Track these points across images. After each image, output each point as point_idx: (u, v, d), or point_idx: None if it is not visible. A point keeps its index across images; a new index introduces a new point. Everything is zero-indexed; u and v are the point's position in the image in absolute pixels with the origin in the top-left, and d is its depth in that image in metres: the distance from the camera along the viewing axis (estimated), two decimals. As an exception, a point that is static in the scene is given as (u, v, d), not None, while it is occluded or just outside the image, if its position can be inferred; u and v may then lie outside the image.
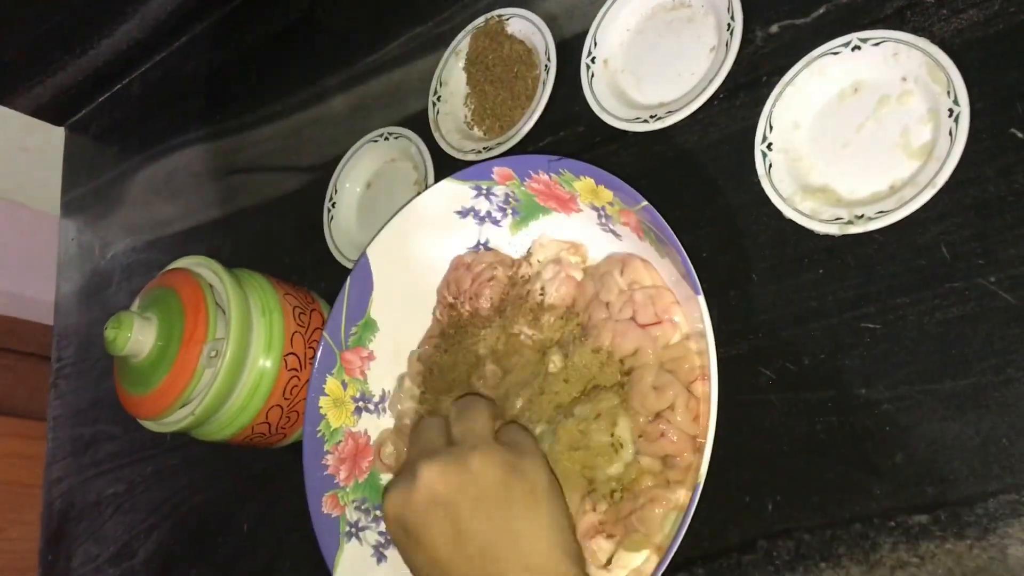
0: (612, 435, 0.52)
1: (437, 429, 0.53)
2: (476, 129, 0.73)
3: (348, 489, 0.61)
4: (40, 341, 1.59)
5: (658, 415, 0.51)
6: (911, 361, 0.48)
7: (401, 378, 0.64)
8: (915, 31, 0.52)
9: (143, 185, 1.06)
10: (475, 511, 0.46)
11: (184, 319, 0.66)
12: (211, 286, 0.67)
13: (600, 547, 0.51)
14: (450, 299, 0.62)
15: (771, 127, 0.56)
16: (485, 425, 0.51)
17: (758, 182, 0.55)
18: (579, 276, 0.58)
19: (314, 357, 0.62)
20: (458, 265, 0.63)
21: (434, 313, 0.64)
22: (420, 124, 0.76)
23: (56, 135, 1.21)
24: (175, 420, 0.66)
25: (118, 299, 1.02)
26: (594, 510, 0.51)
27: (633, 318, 0.54)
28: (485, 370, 0.59)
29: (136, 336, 0.66)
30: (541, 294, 0.58)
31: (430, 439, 0.52)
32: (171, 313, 0.67)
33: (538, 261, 0.60)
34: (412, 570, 0.49)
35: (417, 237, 0.62)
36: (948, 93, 0.50)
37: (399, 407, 0.63)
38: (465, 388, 0.60)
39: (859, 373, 0.50)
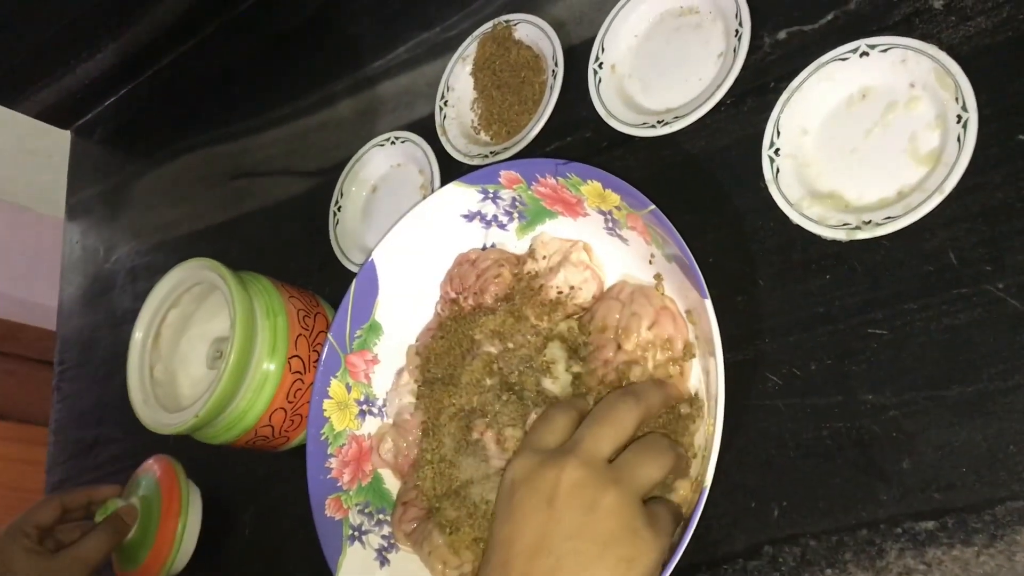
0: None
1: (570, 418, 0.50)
2: (483, 134, 0.73)
3: (351, 492, 0.61)
4: (42, 345, 1.59)
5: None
6: (918, 367, 0.48)
7: (399, 372, 0.64)
8: (923, 37, 0.52)
9: (148, 188, 1.06)
10: (573, 539, 0.44)
11: (161, 498, 0.76)
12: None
13: None
14: (452, 294, 0.62)
15: (779, 133, 0.56)
16: (652, 473, 0.47)
17: (765, 187, 0.55)
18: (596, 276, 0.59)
19: (318, 360, 0.62)
20: (462, 261, 0.62)
21: (436, 309, 0.64)
22: (427, 129, 0.76)
23: (62, 138, 1.22)
24: (178, 423, 0.65)
25: (122, 302, 1.02)
26: None
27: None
28: (481, 350, 0.59)
29: None
30: (560, 292, 0.58)
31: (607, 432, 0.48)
32: (151, 496, 0.77)
33: (543, 258, 0.60)
34: (492, 534, 0.47)
35: (423, 241, 0.62)
36: (956, 99, 0.50)
37: (398, 402, 0.63)
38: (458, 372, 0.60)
39: (866, 379, 0.50)
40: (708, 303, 0.48)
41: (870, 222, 0.51)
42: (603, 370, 0.54)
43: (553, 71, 0.68)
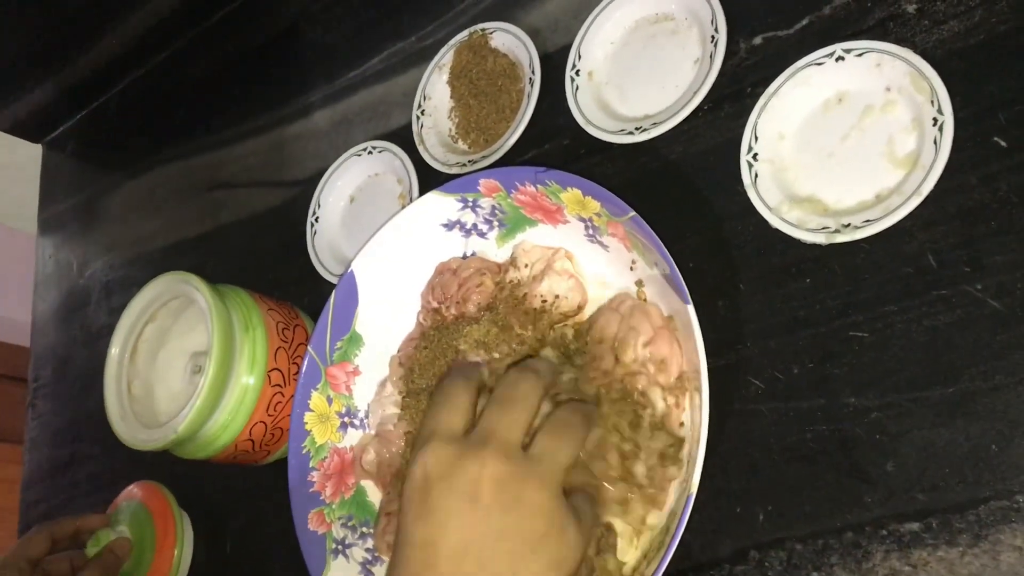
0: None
1: (468, 395, 0.48)
2: (461, 142, 0.72)
3: (334, 506, 0.60)
4: (14, 362, 1.57)
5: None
6: (900, 369, 0.49)
7: (382, 383, 0.63)
8: (898, 42, 0.53)
9: (123, 202, 1.05)
10: (501, 540, 0.42)
11: (154, 529, 0.77)
12: (194, 299, 0.67)
13: None
14: (435, 304, 0.62)
15: (756, 138, 0.56)
16: (570, 454, 0.46)
17: (744, 192, 0.55)
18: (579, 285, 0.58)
19: (298, 373, 0.61)
20: (443, 270, 0.62)
21: (417, 318, 0.64)
22: (404, 138, 0.76)
23: (33, 152, 1.20)
24: (157, 439, 0.65)
25: (97, 317, 1.01)
26: None
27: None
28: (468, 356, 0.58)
29: None
30: (544, 300, 0.58)
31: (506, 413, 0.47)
32: (142, 524, 0.77)
33: (525, 266, 0.59)
34: (399, 535, 0.45)
35: (403, 251, 0.62)
36: (932, 102, 0.50)
37: (381, 412, 0.62)
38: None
39: (848, 381, 0.50)
40: (690, 308, 0.48)
41: (849, 225, 0.51)
42: (602, 380, 0.53)
43: (530, 79, 0.68)
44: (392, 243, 0.61)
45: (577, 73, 0.66)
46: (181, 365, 0.74)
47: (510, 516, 0.43)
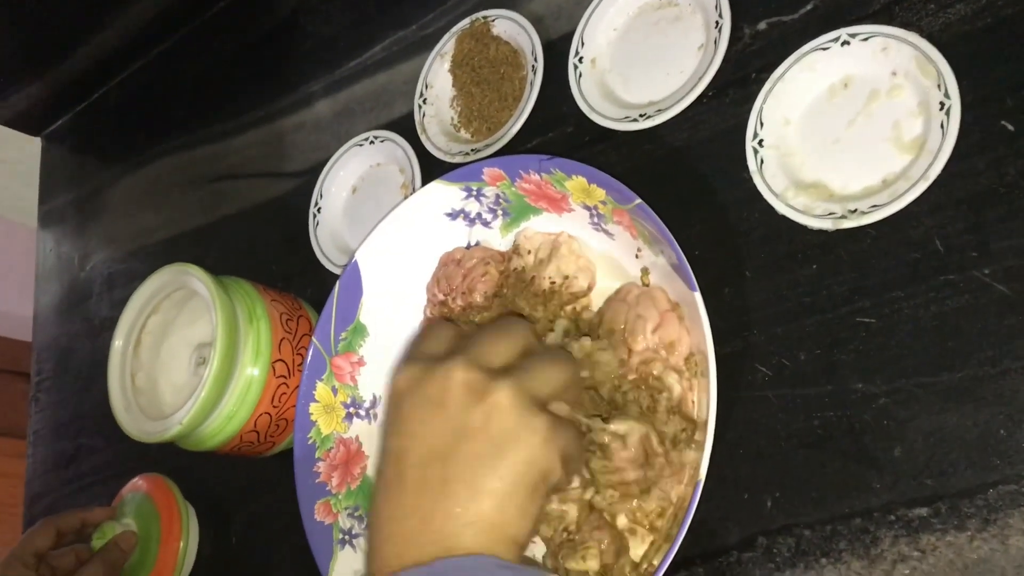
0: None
1: (448, 334, 0.48)
2: (463, 131, 0.72)
3: (340, 496, 0.60)
4: (15, 356, 1.57)
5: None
6: (907, 355, 0.48)
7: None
8: (904, 25, 0.52)
9: (123, 195, 1.05)
10: (467, 440, 0.42)
11: (160, 521, 0.76)
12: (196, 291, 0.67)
13: None
14: (440, 296, 0.62)
15: (762, 123, 0.56)
16: (545, 379, 0.45)
17: (750, 179, 0.55)
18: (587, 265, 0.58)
19: (303, 363, 0.61)
20: (447, 261, 0.62)
21: (424, 312, 0.64)
22: (406, 127, 0.75)
23: (33, 146, 1.20)
24: (162, 431, 0.64)
25: (99, 310, 1.01)
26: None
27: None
28: None
29: None
30: (552, 282, 0.58)
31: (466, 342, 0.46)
32: (147, 517, 0.77)
33: (528, 252, 0.59)
34: (382, 449, 0.45)
35: (407, 240, 0.62)
36: (939, 87, 0.50)
37: None
38: None
39: (855, 368, 0.50)
40: (697, 296, 0.48)
41: (856, 211, 0.51)
42: (622, 369, 0.53)
43: (533, 66, 0.68)
44: (396, 233, 0.61)
45: (580, 60, 0.66)
46: (185, 357, 0.73)
47: (475, 415, 0.42)
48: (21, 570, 0.72)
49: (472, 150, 0.69)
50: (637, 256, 0.55)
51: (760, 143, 0.55)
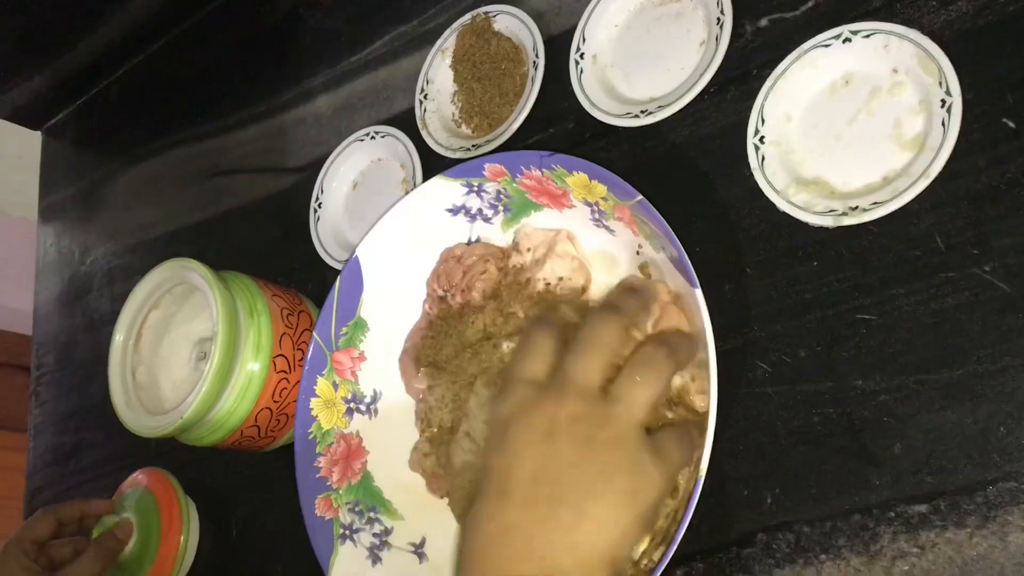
0: None
1: (553, 344, 0.48)
2: (464, 127, 0.72)
3: (341, 491, 0.60)
4: (15, 350, 1.57)
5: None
6: (907, 351, 0.49)
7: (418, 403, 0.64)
8: (905, 22, 0.52)
9: (124, 189, 1.05)
10: (573, 468, 0.43)
11: (160, 515, 0.77)
12: (197, 285, 0.67)
13: None
14: (440, 292, 0.62)
15: (763, 120, 0.56)
16: (651, 393, 0.45)
17: (751, 175, 0.55)
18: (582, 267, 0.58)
19: (303, 359, 0.61)
20: (448, 257, 0.62)
21: (423, 307, 0.64)
22: (407, 123, 0.75)
23: (33, 140, 1.20)
24: (163, 425, 0.65)
25: (99, 305, 1.01)
26: None
27: None
28: (479, 347, 0.59)
29: None
30: (547, 283, 0.58)
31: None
32: (147, 511, 0.77)
33: (527, 250, 0.59)
34: (480, 472, 0.46)
35: (408, 236, 0.62)
36: (940, 84, 0.50)
37: (426, 416, 0.63)
38: (457, 368, 0.60)
39: (855, 364, 0.50)
40: (698, 292, 0.48)
41: (857, 208, 0.51)
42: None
43: (534, 62, 0.68)
44: (397, 228, 0.61)
45: (581, 56, 0.66)
46: (185, 352, 0.74)
47: (584, 449, 0.43)
48: (20, 558, 0.72)
49: (473, 146, 0.69)
50: (638, 252, 0.55)
51: (761, 140, 0.55)
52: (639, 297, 0.51)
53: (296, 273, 0.80)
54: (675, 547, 0.45)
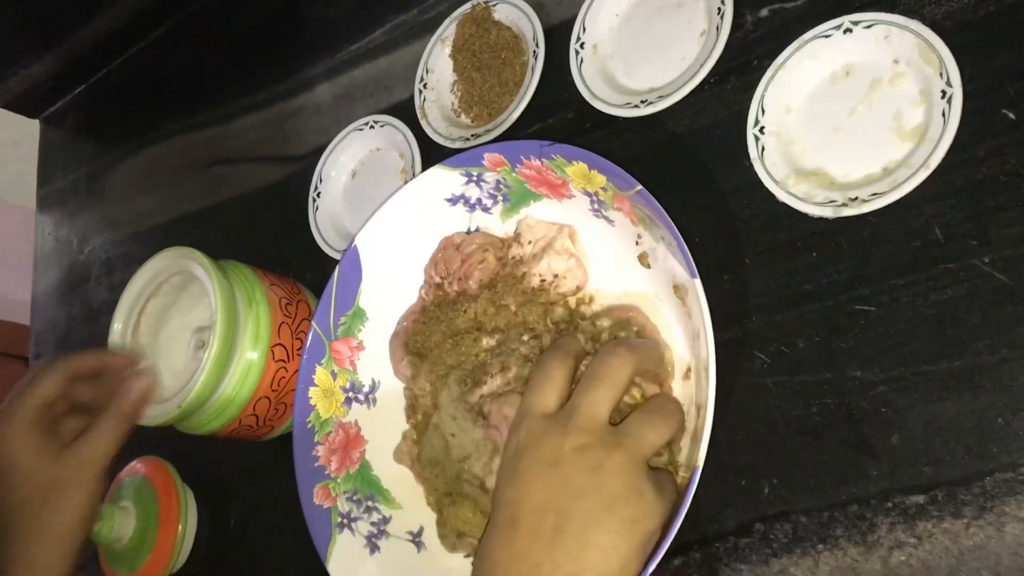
0: None
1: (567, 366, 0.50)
2: (464, 116, 0.72)
3: (339, 480, 0.60)
4: (14, 340, 1.57)
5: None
6: (906, 343, 0.49)
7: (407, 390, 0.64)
8: (906, 13, 0.52)
9: (123, 178, 1.05)
10: (579, 498, 0.45)
11: (158, 504, 0.77)
12: (197, 276, 0.67)
13: None
14: (437, 279, 0.62)
15: (763, 111, 0.55)
16: (657, 437, 0.48)
17: (751, 166, 0.55)
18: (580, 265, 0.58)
19: (302, 348, 0.61)
20: (447, 245, 0.62)
21: (419, 292, 0.64)
22: (406, 112, 0.75)
23: (31, 128, 1.19)
24: (161, 414, 0.65)
25: (98, 294, 1.01)
26: None
27: None
28: (467, 338, 0.59)
29: (118, 525, 0.76)
30: (542, 279, 0.58)
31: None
32: (145, 500, 0.77)
33: (529, 243, 0.59)
34: (493, 500, 0.49)
35: (407, 225, 0.62)
36: (941, 75, 0.50)
37: (411, 390, 0.63)
38: (436, 358, 0.60)
39: (854, 355, 0.50)
40: (697, 282, 0.48)
41: (856, 199, 0.51)
42: None
43: (534, 52, 0.68)
44: (396, 218, 0.61)
45: (582, 46, 0.66)
46: (184, 341, 0.73)
47: (589, 479, 0.45)
48: (30, 431, 0.58)
49: (472, 135, 0.69)
50: (637, 243, 0.55)
51: (761, 130, 0.55)
52: (657, 348, 0.53)
53: (295, 262, 0.80)
54: (672, 537, 0.45)
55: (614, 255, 0.57)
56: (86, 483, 0.58)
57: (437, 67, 0.74)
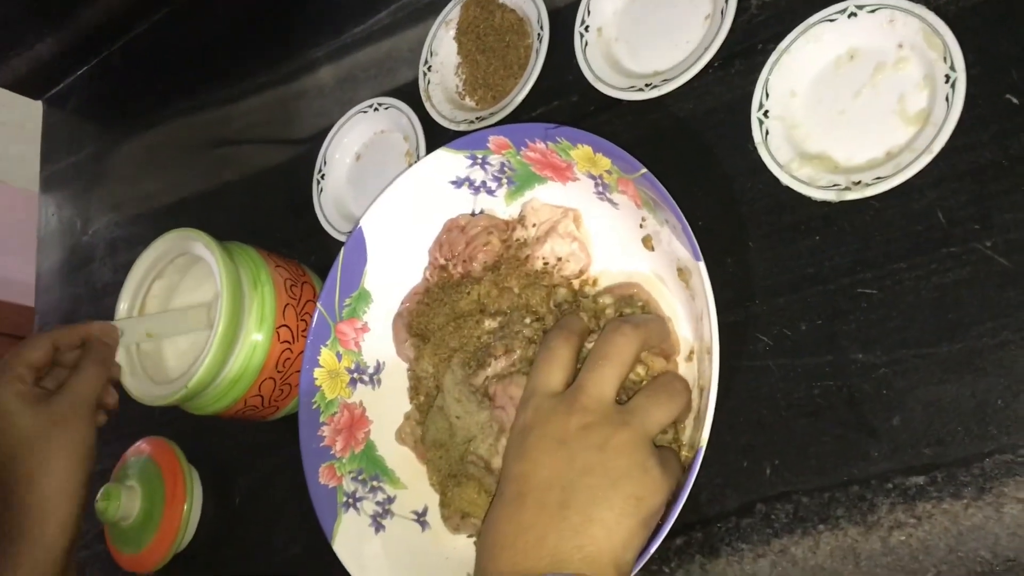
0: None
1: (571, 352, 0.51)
2: (468, 99, 0.72)
3: (344, 460, 0.61)
4: (16, 320, 1.57)
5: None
6: (908, 325, 0.49)
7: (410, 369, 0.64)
8: (911, -3, 0.52)
9: (126, 159, 1.05)
10: (585, 475, 0.45)
11: (164, 484, 0.77)
12: (201, 257, 0.67)
13: None
14: (442, 261, 0.62)
15: (767, 94, 0.56)
16: (663, 416, 0.48)
17: (755, 149, 0.55)
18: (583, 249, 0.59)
19: (307, 329, 0.62)
20: (452, 227, 0.62)
21: (424, 273, 0.64)
22: (410, 94, 0.75)
23: (34, 109, 1.19)
24: (167, 394, 0.65)
25: (102, 275, 1.01)
26: None
27: None
28: (469, 320, 0.59)
29: (124, 504, 0.77)
30: (545, 262, 0.58)
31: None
32: (151, 479, 0.78)
33: (533, 226, 0.60)
34: (500, 476, 0.49)
35: (411, 208, 0.62)
36: (945, 59, 0.50)
37: (414, 371, 0.63)
38: (440, 340, 0.60)
39: (856, 338, 0.50)
40: (701, 265, 0.48)
41: (859, 183, 0.51)
42: None
43: (538, 35, 0.68)
44: (401, 200, 0.61)
45: (586, 29, 0.66)
46: (189, 322, 0.74)
47: (595, 456, 0.46)
48: (17, 384, 0.63)
49: (477, 118, 0.69)
50: (641, 225, 0.56)
51: (765, 114, 0.56)
52: (662, 323, 0.53)
53: (299, 244, 0.80)
54: (674, 517, 0.46)
55: (618, 238, 0.58)
56: (81, 417, 0.63)
57: (441, 49, 0.74)
